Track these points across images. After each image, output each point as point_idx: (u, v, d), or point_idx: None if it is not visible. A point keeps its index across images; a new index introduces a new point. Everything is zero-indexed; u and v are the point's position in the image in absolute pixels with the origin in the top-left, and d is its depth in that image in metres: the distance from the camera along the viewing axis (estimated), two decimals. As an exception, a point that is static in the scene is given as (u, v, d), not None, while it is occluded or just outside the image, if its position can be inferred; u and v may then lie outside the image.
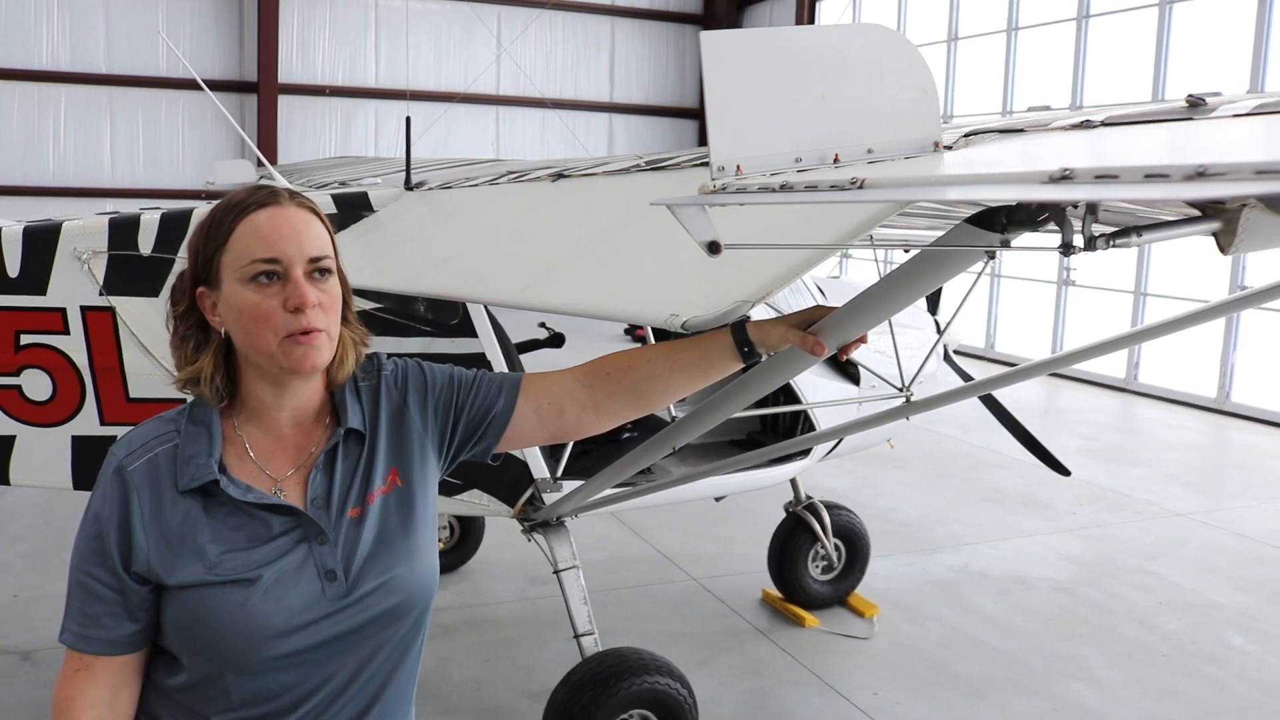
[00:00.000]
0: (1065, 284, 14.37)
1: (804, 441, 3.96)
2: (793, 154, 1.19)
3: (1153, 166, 0.79)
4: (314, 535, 1.76)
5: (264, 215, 1.75)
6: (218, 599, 1.70)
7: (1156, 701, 5.13)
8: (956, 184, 0.98)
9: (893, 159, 1.24)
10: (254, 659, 1.71)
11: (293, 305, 1.72)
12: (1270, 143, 1.07)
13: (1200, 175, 0.75)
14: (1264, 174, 0.72)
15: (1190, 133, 1.20)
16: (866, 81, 1.24)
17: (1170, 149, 1.10)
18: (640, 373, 2.01)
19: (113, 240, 3.99)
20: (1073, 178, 0.84)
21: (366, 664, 1.80)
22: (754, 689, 5.17)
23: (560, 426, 2.04)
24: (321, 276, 1.77)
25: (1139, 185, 0.80)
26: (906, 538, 7.41)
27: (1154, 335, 2.60)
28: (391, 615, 1.79)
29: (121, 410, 4.02)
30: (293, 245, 1.74)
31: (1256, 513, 8.26)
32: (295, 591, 1.72)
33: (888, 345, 4.59)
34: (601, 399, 2.02)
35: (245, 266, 1.73)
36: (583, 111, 21.92)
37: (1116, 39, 13.93)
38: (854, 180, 1.00)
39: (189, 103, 18.83)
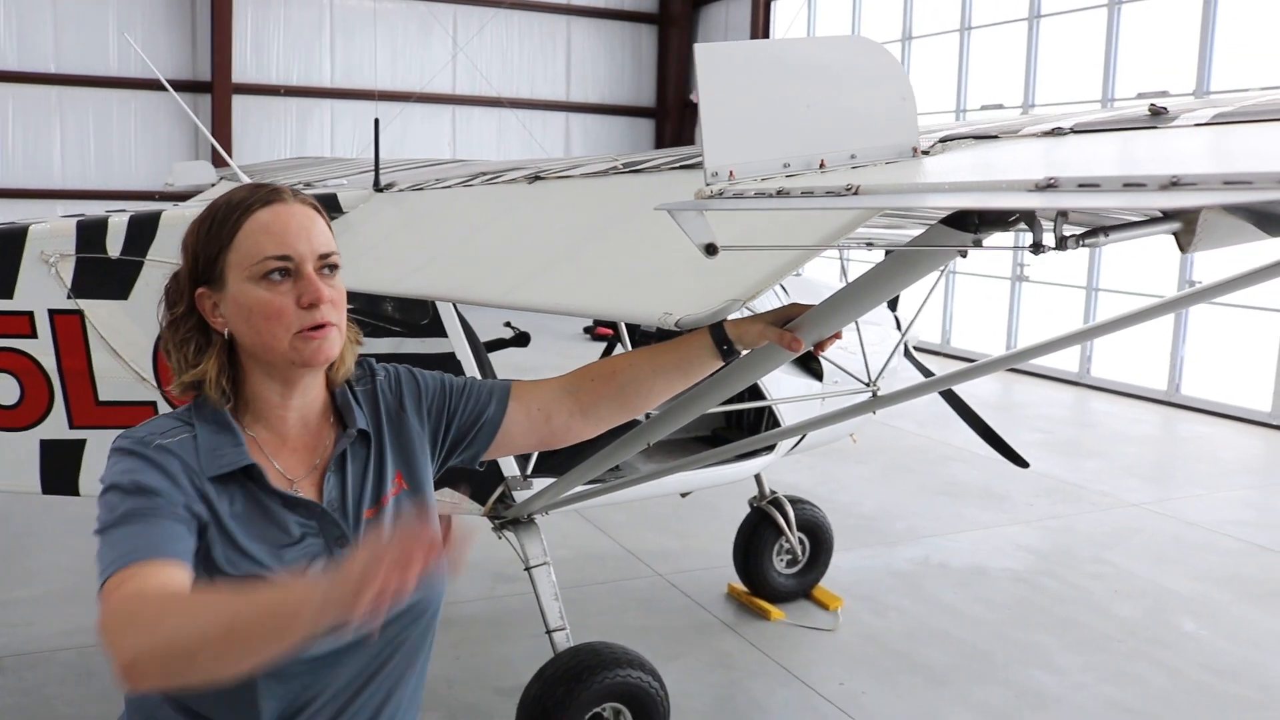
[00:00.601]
0: (1019, 280, 14.60)
1: (770, 437, 4.04)
2: (781, 159, 1.25)
3: (1130, 176, 0.86)
4: (333, 539, 1.76)
5: (270, 212, 1.74)
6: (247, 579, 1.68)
7: (1112, 686, 5.26)
8: (947, 191, 1.05)
9: (874, 164, 1.30)
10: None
11: (307, 301, 1.71)
12: (1232, 153, 1.14)
13: (1174, 185, 0.82)
14: (1231, 184, 0.80)
15: (1156, 142, 1.28)
16: (849, 90, 1.31)
17: (1140, 159, 1.17)
18: (624, 377, 2.04)
19: (80, 243, 3.98)
20: (1058, 186, 0.90)
21: (384, 665, 1.81)
22: (723, 681, 5.25)
23: (549, 432, 2.06)
24: (330, 273, 1.76)
25: (1118, 194, 0.87)
26: (868, 531, 7.52)
27: (1109, 330, 2.70)
28: (411, 615, 1.80)
29: (91, 413, 4.01)
30: (303, 242, 1.73)
31: (1206, 502, 8.46)
32: None
33: (852, 341, 4.68)
34: (588, 404, 2.04)
35: (256, 264, 1.70)
36: (539, 111, 21.92)
37: (1067, 38, 14.17)
38: (849, 187, 1.06)
39: (141, 102, 18.62)
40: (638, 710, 4.23)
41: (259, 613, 1.38)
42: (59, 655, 5.32)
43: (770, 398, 5.02)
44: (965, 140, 1.51)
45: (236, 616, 1.38)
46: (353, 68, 20.24)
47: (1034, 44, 14.55)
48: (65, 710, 4.82)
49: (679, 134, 22.53)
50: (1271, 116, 1.31)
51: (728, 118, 1.20)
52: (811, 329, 1.93)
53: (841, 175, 1.21)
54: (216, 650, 1.38)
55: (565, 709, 4.07)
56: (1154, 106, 1.37)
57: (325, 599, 1.32)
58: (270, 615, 1.37)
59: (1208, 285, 2.41)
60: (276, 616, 1.36)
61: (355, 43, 20.23)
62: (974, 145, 1.48)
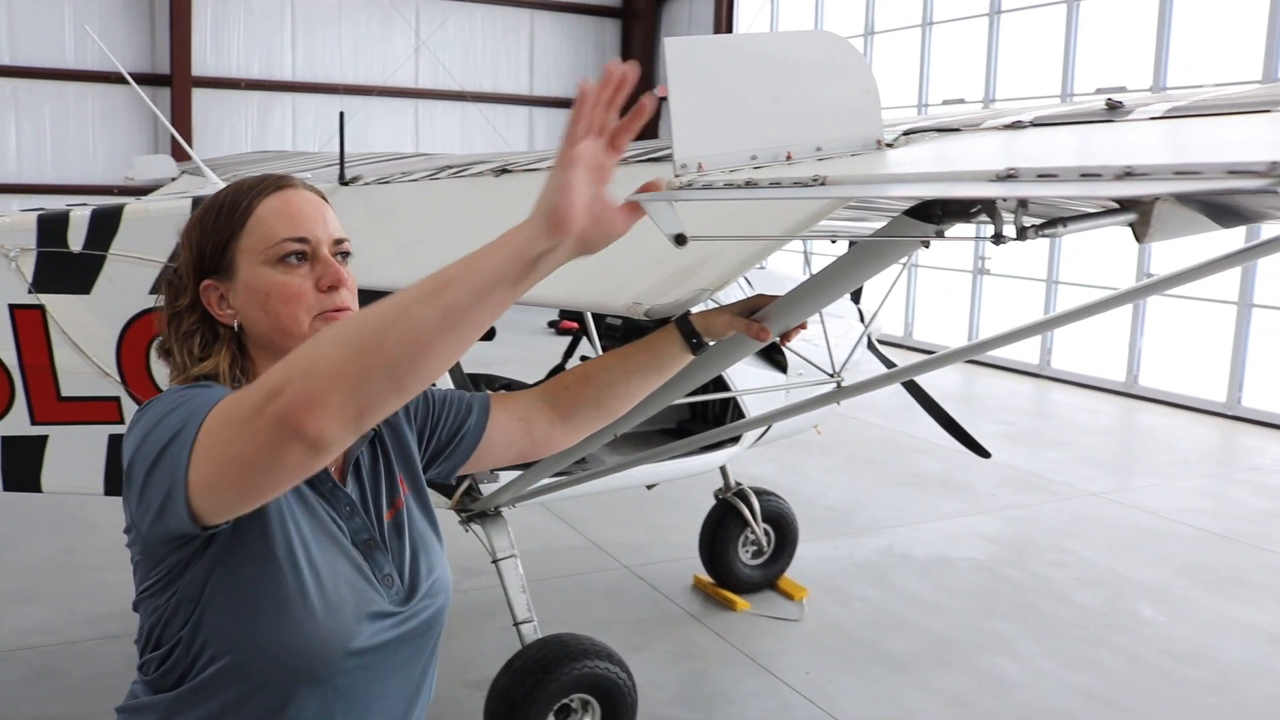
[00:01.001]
0: (981, 273, 14.74)
1: (736, 428, 4.07)
2: (749, 152, 1.27)
3: (1087, 167, 0.89)
4: (363, 541, 1.72)
5: (281, 198, 1.70)
6: (310, 553, 1.61)
7: (1073, 671, 5.35)
8: (911, 182, 1.08)
9: (840, 156, 1.33)
10: (336, 647, 1.61)
11: (327, 284, 1.66)
12: (1184, 145, 1.18)
13: (1128, 175, 0.86)
14: (1181, 174, 0.83)
15: (1111, 135, 1.31)
16: (815, 84, 1.33)
17: (1096, 151, 1.21)
18: (599, 381, 2.02)
19: (41, 237, 3.94)
20: (1017, 176, 0.93)
21: (410, 675, 1.76)
22: (689, 672, 5.28)
23: (530, 443, 2.04)
24: (343, 259, 1.72)
25: (1075, 183, 0.90)
26: (832, 522, 7.59)
27: (1068, 321, 2.75)
28: (432, 620, 1.78)
29: (53, 410, 3.98)
30: (319, 226, 1.69)
31: (1163, 491, 8.60)
32: (364, 581, 1.68)
33: (817, 333, 4.72)
34: (566, 412, 2.02)
35: (272, 247, 1.66)
36: (503, 105, 21.85)
37: (1027, 34, 14.31)
38: (816, 177, 1.09)
39: (99, 96, 18.37)
40: (605, 701, 4.26)
41: (459, 265, 1.27)
42: (20, 655, 5.27)
43: (735, 389, 5.06)
44: (928, 133, 1.55)
45: (438, 274, 1.26)
46: (315, 61, 20.08)
47: (995, 39, 14.69)
48: (27, 710, 4.78)
49: (643, 128, 22.49)
50: (1220, 111, 1.35)
51: (696, 110, 1.22)
52: (777, 319, 1.96)
53: (808, 167, 1.23)
54: (414, 318, 1.23)
55: (534, 700, 4.09)
56: (1110, 101, 1.41)
57: (531, 223, 1.26)
58: (473, 260, 1.26)
59: (1162, 277, 2.45)
60: (482, 257, 1.27)
61: (317, 36, 20.07)
62: (936, 138, 1.52)
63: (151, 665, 1.66)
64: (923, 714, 4.93)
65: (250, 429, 1.29)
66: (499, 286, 1.27)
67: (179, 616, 1.61)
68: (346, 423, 1.25)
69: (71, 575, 6.29)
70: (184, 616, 1.60)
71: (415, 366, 1.25)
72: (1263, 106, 1.30)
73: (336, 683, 1.64)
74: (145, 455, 1.49)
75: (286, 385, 1.24)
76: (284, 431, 1.25)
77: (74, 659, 5.23)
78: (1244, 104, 1.32)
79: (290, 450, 1.26)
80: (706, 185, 1.15)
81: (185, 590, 1.59)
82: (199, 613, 1.59)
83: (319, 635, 1.59)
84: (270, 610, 1.58)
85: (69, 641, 5.42)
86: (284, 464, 1.29)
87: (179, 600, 1.60)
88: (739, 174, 1.20)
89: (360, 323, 1.26)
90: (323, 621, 1.60)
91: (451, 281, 1.25)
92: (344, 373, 1.23)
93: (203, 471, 1.39)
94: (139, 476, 1.51)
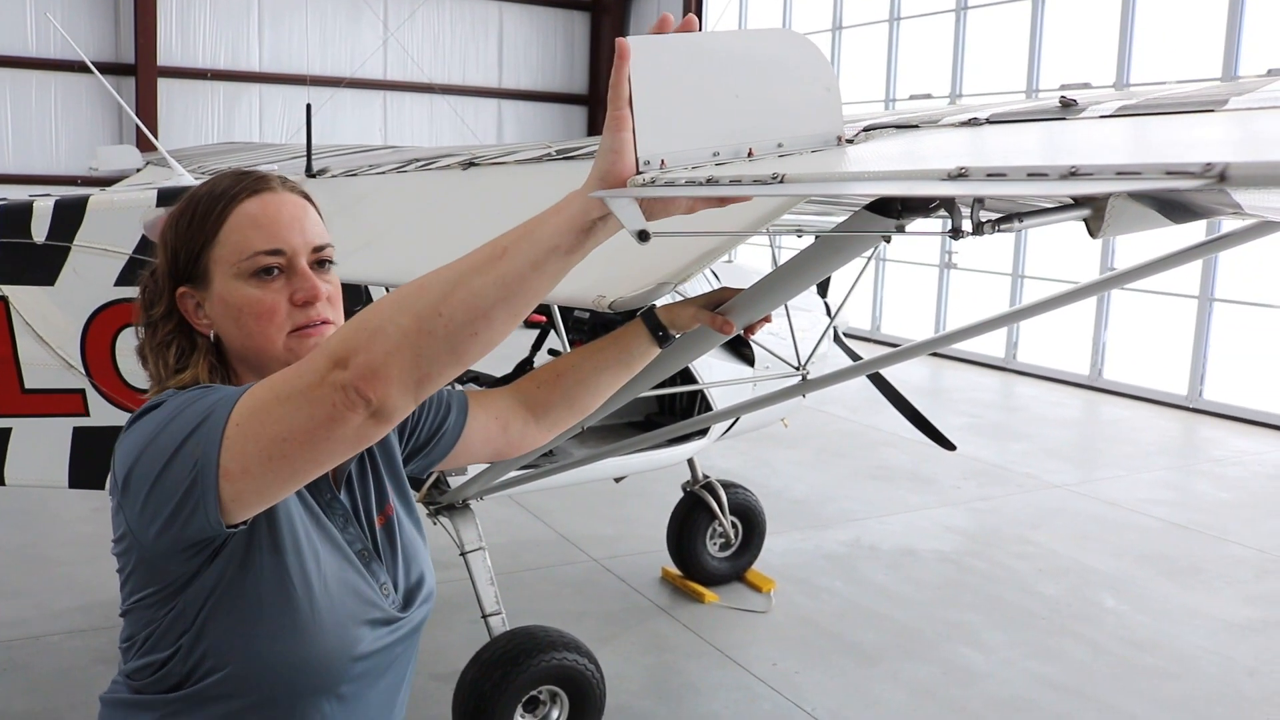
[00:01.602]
0: (947, 267, 14.86)
1: (703, 420, 4.10)
2: (711, 148, 1.29)
3: (1034, 167, 0.92)
4: (358, 551, 1.70)
5: (258, 202, 1.61)
6: (316, 559, 1.60)
7: (1037, 661, 5.42)
8: (867, 179, 1.10)
9: (801, 152, 1.35)
10: (342, 654, 1.60)
11: (302, 299, 1.59)
12: (1130, 145, 1.21)
13: (1073, 174, 0.89)
14: (1123, 174, 0.87)
15: (1063, 133, 1.35)
16: (776, 81, 1.35)
17: (1047, 149, 1.24)
18: (569, 379, 2.03)
19: (4, 228, 3.90)
20: (967, 175, 0.96)
21: (399, 679, 1.76)
22: (657, 663, 5.31)
23: (506, 442, 2.04)
24: (323, 268, 1.64)
25: (1022, 183, 0.93)
26: (800, 515, 7.64)
27: (1032, 314, 2.80)
28: (422, 625, 1.78)
29: (16, 401, 3.94)
30: (295, 234, 1.60)
31: (1126, 483, 8.71)
32: (366, 587, 1.67)
33: (782, 327, 4.75)
34: (540, 410, 2.03)
35: (245, 260, 1.58)
36: (471, 97, 21.79)
37: (993, 30, 14.43)
38: (775, 175, 1.11)
39: (62, 85, 18.16)
40: (574, 693, 4.28)
41: (515, 233, 1.26)
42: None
43: (702, 382, 5.09)
44: (887, 129, 1.57)
45: (494, 244, 1.25)
46: (282, 52, 19.93)
47: (961, 35, 14.80)
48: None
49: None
50: (1169, 110, 1.39)
51: (659, 108, 1.23)
52: (742, 312, 1.98)
53: (769, 164, 1.25)
54: (472, 287, 1.22)
55: (502, 692, 4.10)
56: (1064, 99, 1.44)
57: (586, 188, 1.24)
58: (529, 228, 1.25)
59: (1123, 270, 2.51)
60: (539, 224, 1.25)
61: (284, 26, 19.93)
62: (896, 134, 1.54)
63: (144, 672, 1.60)
64: (889, 704, 4.99)
65: (311, 399, 1.28)
66: (555, 255, 1.26)
67: (177, 626, 1.55)
68: (408, 391, 1.26)
69: (35, 569, 6.24)
70: (183, 626, 1.55)
71: (474, 336, 1.25)
72: (1208, 105, 1.33)
73: (341, 691, 1.63)
74: (152, 459, 1.43)
75: (351, 355, 1.24)
76: (349, 400, 1.25)
77: (39, 654, 5.19)
78: (1191, 103, 1.36)
79: (351, 419, 1.26)
80: (669, 182, 1.17)
81: (188, 601, 1.54)
82: (200, 622, 1.54)
83: (327, 646, 1.58)
84: (278, 621, 1.55)
85: (33, 636, 5.38)
86: (343, 434, 1.28)
87: (180, 611, 1.55)
88: (700, 171, 1.22)
89: (420, 292, 1.26)
90: (330, 632, 1.58)
91: (508, 250, 1.25)
92: (405, 342, 1.24)
93: (244, 455, 1.35)
94: (143, 484, 1.44)
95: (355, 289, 4.17)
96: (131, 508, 1.48)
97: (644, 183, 1.18)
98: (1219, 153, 0.85)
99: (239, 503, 1.40)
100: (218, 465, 1.36)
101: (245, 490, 1.38)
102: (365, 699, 1.68)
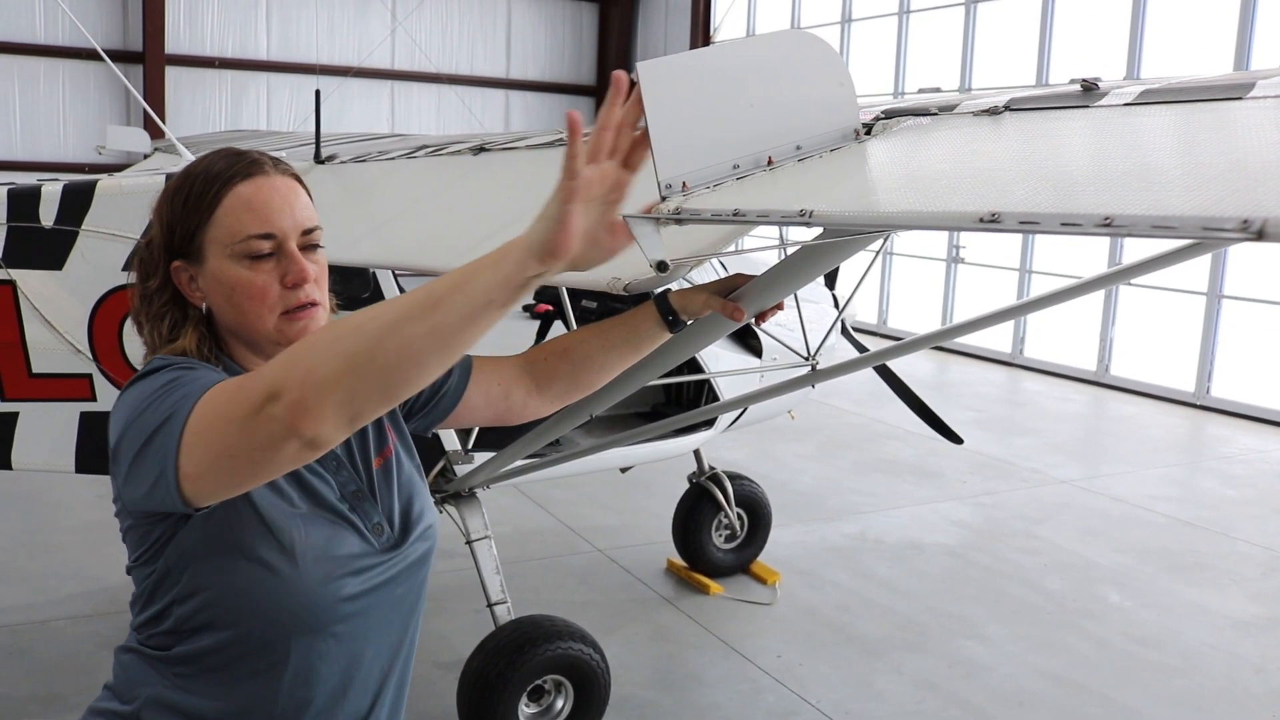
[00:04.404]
0: (955, 262, 14.82)
1: (711, 410, 4.08)
2: (730, 161, 1.28)
3: (1067, 215, 0.91)
4: (351, 492, 1.75)
5: (251, 186, 1.67)
6: (296, 515, 1.65)
7: (1041, 655, 5.41)
8: (898, 221, 1.09)
9: (819, 153, 1.34)
10: (326, 598, 1.65)
11: (292, 281, 1.66)
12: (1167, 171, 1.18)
13: (1107, 224, 0.89)
14: (1159, 227, 0.86)
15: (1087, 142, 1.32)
16: (789, 83, 1.34)
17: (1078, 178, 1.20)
18: (575, 354, 2.07)
19: (12, 212, 3.90)
20: (1000, 221, 0.96)
21: (397, 618, 1.79)
22: (662, 654, 5.31)
23: (506, 408, 2.08)
24: (312, 250, 1.71)
25: (1057, 231, 0.93)
26: (805, 507, 7.63)
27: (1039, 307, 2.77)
28: (421, 562, 1.82)
29: (24, 386, 3.95)
30: (286, 218, 1.67)
31: (1132, 479, 8.69)
32: (352, 533, 1.71)
33: (791, 318, 4.74)
34: (543, 382, 2.08)
35: (239, 243, 1.65)
36: (479, 88, 21.73)
37: (1003, 23, 14.37)
38: (803, 212, 1.10)
39: (70, 72, 18.14)
40: (579, 682, 4.28)
41: (450, 282, 1.28)
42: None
43: (710, 372, 5.07)
44: (905, 117, 1.55)
45: (428, 292, 1.28)
46: (290, 41, 19.90)
47: (971, 29, 14.74)
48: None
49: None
50: (1194, 97, 1.37)
51: (675, 130, 1.22)
52: (754, 299, 1.97)
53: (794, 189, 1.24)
54: (405, 335, 1.26)
55: (507, 681, 4.10)
56: (1085, 83, 1.43)
57: (522, 248, 1.26)
58: (464, 280, 1.28)
59: (1131, 265, 2.48)
60: (473, 275, 1.28)
61: (292, 16, 19.89)
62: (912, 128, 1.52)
63: (148, 625, 1.70)
64: (893, 697, 4.98)
65: (247, 428, 1.34)
66: (489, 309, 1.29)
67: (169, 579, 1.65)
68: (340, 426, 1.31)
69: (40, 555, 6.25)
70: (173, 579, 1.64)
71: (405, 381, 1.30)
72: (1235, 92, 1.31)
73: (334, 630, 1.68)
74: (133, 438, 1.52)
75: (284, 391, 1.29)
76: (282, 433, 1.31)
77: (43, 639, 5.20)
78: (1216, 89, 1.34)
79: (286, 448, 1.32)
80: (695, 212, 1.17)
81: (172, 556, 1.63)
82: (188, 577, 1.63)
83: (309, 590, 1.64)
84: (258, 570, 1.61)
85: (38, 621, 5.39)
86: (279, 459, 1.35)
87: (168, 565, 1.64)
88: (726, 199, 1.21)
89: (354, 336, 1.29)
90: (311, 576, 1.64)
91: (441, 301, 1.28)
92: (339, 384, 1.28)
93: (194, 462, 1.43)
94: (127, 457, 1.53)
95: (363, 273, 4.17)
96: (119, 476, 1.58)
97: (669, 211, 1.18)
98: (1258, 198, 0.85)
99: (200, 498, 1.48)
100: (177, 467, 1.44)
101: (203, 490, 1.46)
102: (364, 636, 1.73)
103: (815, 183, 1.30)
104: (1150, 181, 1.17)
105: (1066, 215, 0.94)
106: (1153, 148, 1.31)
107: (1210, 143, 1.28)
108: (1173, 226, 0.87)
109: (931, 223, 1.08)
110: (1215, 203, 0.90)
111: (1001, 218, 0.98)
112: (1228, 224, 0.84)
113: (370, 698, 1.79)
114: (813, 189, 1.25)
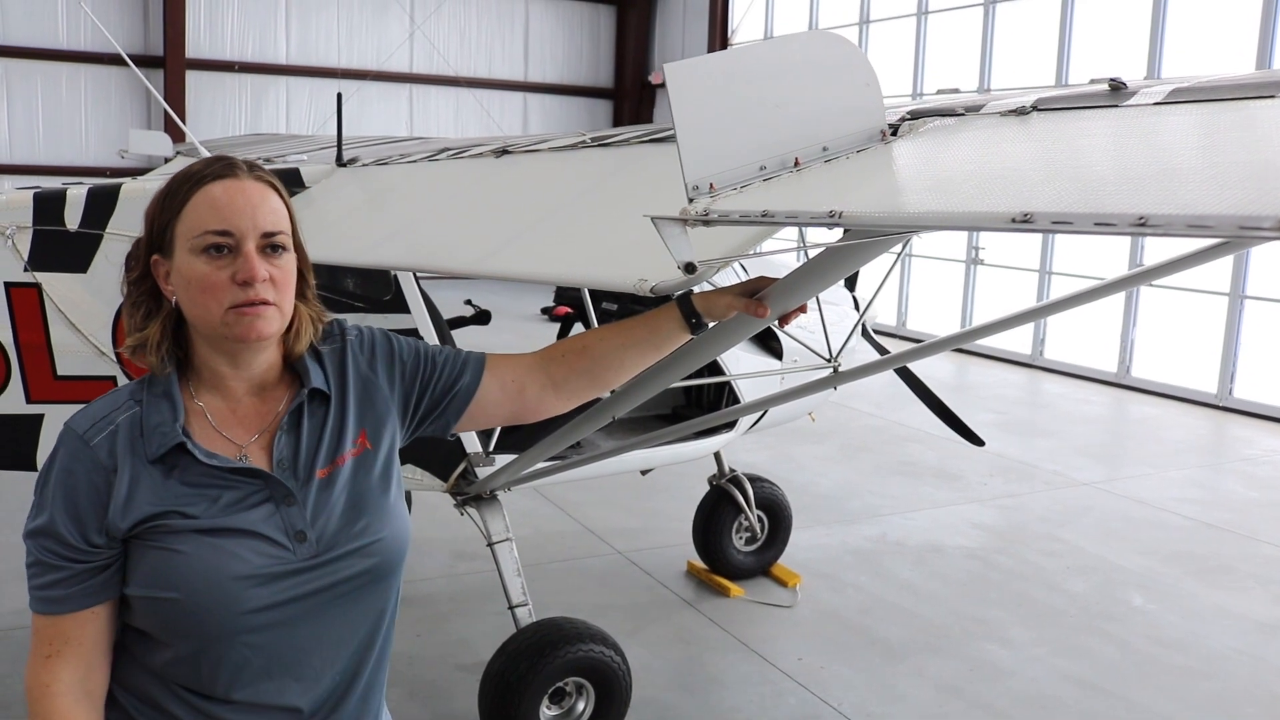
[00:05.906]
0: (975, 263, 14.76)
1: (732, 413, 4.08)
2: (757, 163, 1.28)
3: (1100, 214, 0.91)
4: (281, 497, 1.78)
5: (220, 187, 1.76)
6: (186, 543, 1.72)
7: (1064, 658, 5.38)
8: (927, 222, 1.08)
9: (846, 154, 1.34)
10: (226, 613, 1.72)
11: (241, 278, 1.73)
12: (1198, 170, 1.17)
13: (1141, 224, 0.88)
14: (1194, 226, 0.85)
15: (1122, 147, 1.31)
16: (815, 84, 1.34)
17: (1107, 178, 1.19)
18: (595, 352, 2.07)
19: (38, 215, 3.93)
20: (1032, 221, 0.95)
21: (347, 629, 1.83)
22: (683, 657, 5.30)
23: (522, 405, 2.08)
24: (274, 252, 1.77)
25: (1090, 231, 0.92)
26: (826, 509, 7.61)
27: (1059, 309, 2.77)
28: (368, 577, 1.82)
29: (49, 388, 3.97)
30: (246, 219, 1.75)
31: (1154, 481, 8.64)
32: (262, 545, 1.74)
33: (812, 319, 4.73)
34: (560, 379, 2.07)
35: (197, 237, 1.73)
36: (497, 91, 21.80)
37: (1022, 24, 14.31)
38: (832, 213, 1.10)
39: (92, 76, 18.29)
40: (600, 684, 4.28)
41: None
42: (15, 634, 5.27)
43: (730, 374, 5.07)
44: (932, 117, 1.55)
45: None
46: (309, 45, 20.00)
47: (990, 29, 14.69)
48: (22, 689, 4.78)
49: (637, 115, 22.49)
50: (1223, 96, 1.36)
51: (702, 132, 1.22)
52: (778, 300, 1.97)
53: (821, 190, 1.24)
54: None
55: (528, 684, 4.10)
56: (1113, 82, 1.42)
57: None
58: None
59: (1153, 266, 2.47)
60: None
61: (311, 20, 19.99)
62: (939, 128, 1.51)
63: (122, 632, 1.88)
64: (915, 700, 4.96)
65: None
66: None
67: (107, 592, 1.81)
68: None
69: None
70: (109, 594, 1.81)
71: None
72: (1265, 91, 1.30)
73: (249, 639, 1.75)
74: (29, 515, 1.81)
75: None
76: None
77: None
78: (1246, 88, 1.33)
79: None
80: (725, 214, 1.16)
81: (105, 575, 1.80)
82: (115, 590, 1.79)
83: (205, 604, 1.72)
84: (159, 586, 1.73)
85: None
86: None
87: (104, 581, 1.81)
88: (754, 199, 1.21)
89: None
90: (205, 592, 1.71)
91: None
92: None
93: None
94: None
95: (384, 275, 4.18)
96: None
97: (697, 214, 1.18)
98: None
99: None
100: None
101: None
102: (298, 647, 1.79)
103: (843, 183, 1.30)
104: (1182, 181, 1.16)
105: (1100, 215, 0.94)
106: (1183, 147, 1.30)
107: (1241, 141, 1.26)
108: (1209, 226, 0.86)
109: (962, 223, 1.08)
110: (1249, 202, 0.89)
111: (1034, 218, 0.98)
112: (1265, 223, 0.83)
113: (326, 690, 1.84)
114: (840, 190, 1.25)
